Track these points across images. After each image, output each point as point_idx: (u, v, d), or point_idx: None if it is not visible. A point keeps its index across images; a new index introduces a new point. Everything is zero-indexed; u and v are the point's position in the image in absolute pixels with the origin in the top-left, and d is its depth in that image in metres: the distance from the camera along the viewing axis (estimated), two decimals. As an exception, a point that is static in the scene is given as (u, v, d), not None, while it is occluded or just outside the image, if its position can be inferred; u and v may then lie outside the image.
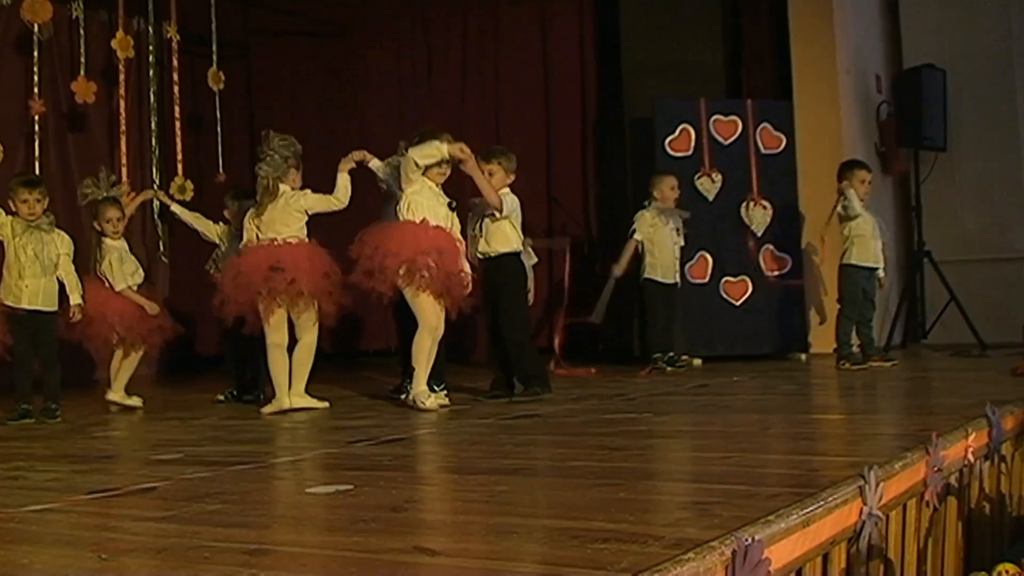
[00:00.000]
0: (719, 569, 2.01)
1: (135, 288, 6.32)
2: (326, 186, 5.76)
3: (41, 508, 3.03)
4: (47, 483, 3.64)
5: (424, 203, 5.33)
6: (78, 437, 4.96)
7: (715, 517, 2.32)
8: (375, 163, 5.94)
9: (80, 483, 3.52)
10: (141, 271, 6.47)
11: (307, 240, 5.68)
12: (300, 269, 5.51)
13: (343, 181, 5.71)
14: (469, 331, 9.10)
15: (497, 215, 5.69)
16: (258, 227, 5.64)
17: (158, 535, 2.60)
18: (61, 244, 5.94)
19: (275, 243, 5.58)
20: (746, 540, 2.08)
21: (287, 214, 5.61)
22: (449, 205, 5.43)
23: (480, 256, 5.77)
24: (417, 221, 5.30)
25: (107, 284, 6.26)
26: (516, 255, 5.82)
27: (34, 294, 5.77)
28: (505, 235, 5.76)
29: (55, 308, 5.88)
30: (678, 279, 7.69)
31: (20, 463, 4.12)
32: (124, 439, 4.83)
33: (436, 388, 5.69)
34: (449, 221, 5.41)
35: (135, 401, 6.30)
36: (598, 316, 7.80)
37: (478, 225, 5.82)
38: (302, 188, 5.72)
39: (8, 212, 5.81)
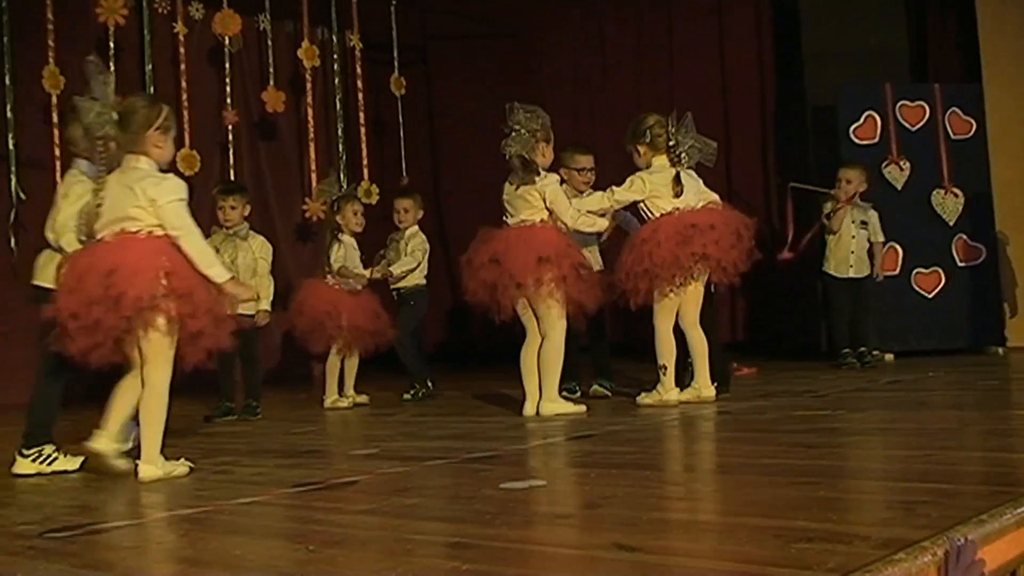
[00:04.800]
0: (931, 570, 1.95)
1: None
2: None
3: (249, 501, 3.17)
4: (253, 477, 3.80)
5: None
6: (278, 433, 5.16)
7: (923, 517, 2.26)
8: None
9: (284, 477, 3.66)
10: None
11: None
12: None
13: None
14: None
15: None
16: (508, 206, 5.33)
17: (362, 527, 2.68)
18: (260, 249, 6.19)
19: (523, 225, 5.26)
20: (958, 540, 2.02)
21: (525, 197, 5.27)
22: None
23: None
24: None
25: (332, 280, 6.48)
26: None
27: None
28: None
29: (254, 311, 6.11)
30: (859, 273, 7.43)
31: (226, 458, 4.32)
32: (321, 435, 4.99)
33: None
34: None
35: (363, 398, 6.60)
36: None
37: None
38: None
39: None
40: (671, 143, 5.42)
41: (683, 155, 5.42)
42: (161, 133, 3.95)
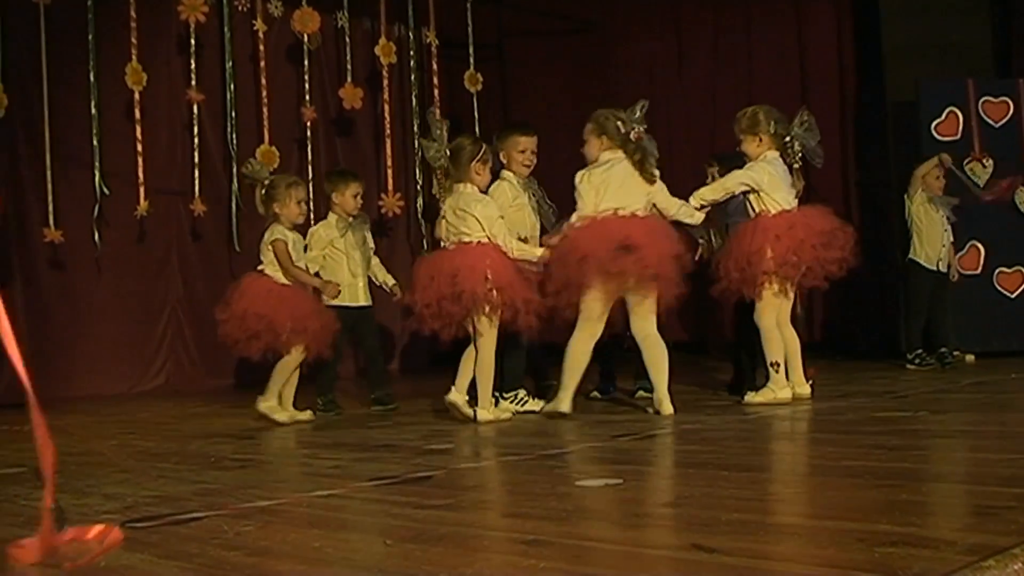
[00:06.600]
0: (1021, 578, 1.91)
1: None
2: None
3: (327, 494, 3.20)
4: (330, 470, 3.83)
5: None
6: (354, 427, 5.19)
7: (1010, 523, 2.20)
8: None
9: (361, 471, 3.69)
10: None
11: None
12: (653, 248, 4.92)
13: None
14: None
15: None
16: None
17: (438, 522, 2.68)
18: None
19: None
20: (1049, 548, 1.97)
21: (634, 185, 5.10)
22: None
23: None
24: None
25: None
26: None
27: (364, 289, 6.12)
28: None
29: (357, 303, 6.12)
30: (944, 268, 7.33)
31: (304, 451, 4.37)
32: (396, 429, 5.02)
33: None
34: None
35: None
36: None
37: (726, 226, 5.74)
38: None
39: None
40: (787, 138, 5.37)
41: (796, 151, 5.37)
42: (481, 164, 5.10)
